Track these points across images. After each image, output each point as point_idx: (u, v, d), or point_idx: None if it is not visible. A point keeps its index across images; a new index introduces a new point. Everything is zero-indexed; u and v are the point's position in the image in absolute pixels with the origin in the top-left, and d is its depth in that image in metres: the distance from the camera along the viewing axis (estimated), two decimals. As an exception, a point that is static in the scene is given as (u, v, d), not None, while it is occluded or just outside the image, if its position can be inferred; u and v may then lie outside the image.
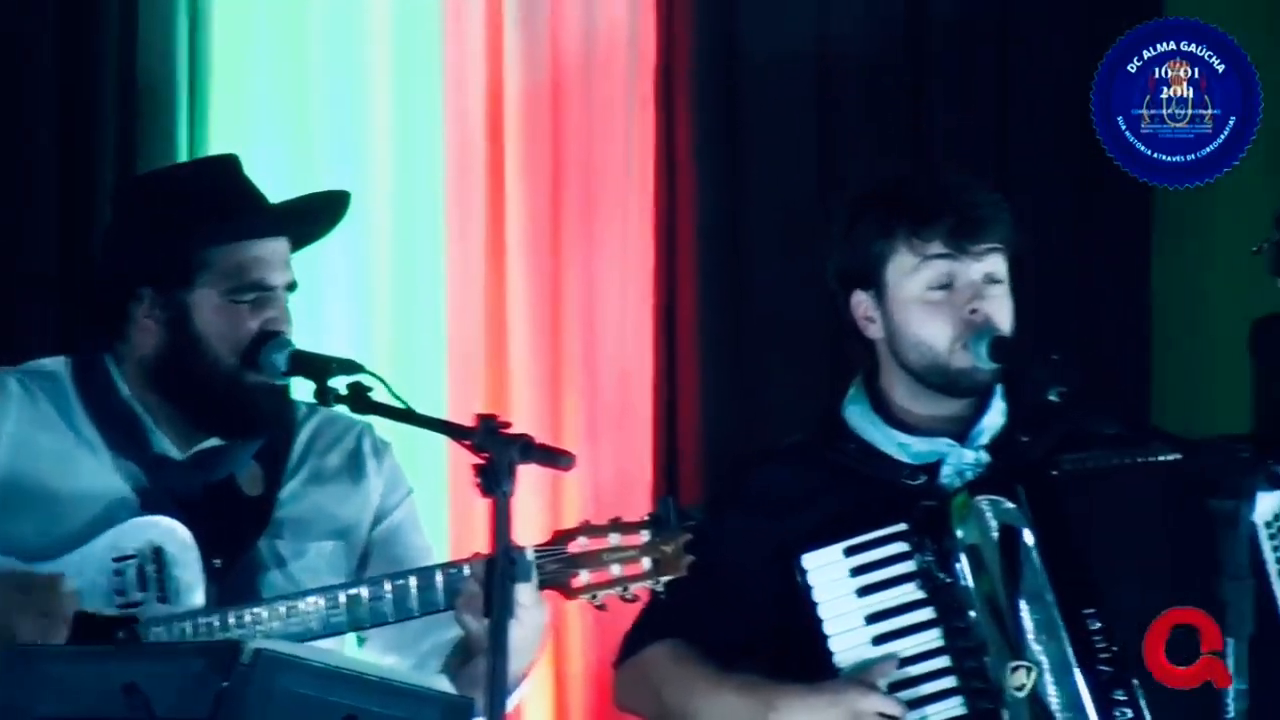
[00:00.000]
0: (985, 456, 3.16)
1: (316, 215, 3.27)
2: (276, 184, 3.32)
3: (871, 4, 4.79)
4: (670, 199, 4.66)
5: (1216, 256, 4.95)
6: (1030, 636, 3.00)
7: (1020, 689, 2.99)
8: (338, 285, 4.36)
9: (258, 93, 4.34)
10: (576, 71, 4.58)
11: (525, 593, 2.90)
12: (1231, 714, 2.74)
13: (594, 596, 3.00)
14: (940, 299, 3.14)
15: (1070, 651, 2.99)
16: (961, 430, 3.18)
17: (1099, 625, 2.99)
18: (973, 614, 3.02)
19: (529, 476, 2.84)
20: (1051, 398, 3.02)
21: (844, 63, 4.78)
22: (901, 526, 3.06)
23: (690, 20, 4.65)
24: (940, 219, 3.13)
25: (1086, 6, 4.90)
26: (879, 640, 3.05)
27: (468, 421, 2.82)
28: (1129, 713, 2.97)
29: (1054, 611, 3.00)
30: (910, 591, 3.05)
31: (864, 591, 3.06)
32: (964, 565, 3.03)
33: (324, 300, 4.31)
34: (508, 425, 2.79)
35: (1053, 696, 2.99)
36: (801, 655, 3.07)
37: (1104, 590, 3.00)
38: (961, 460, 3.16)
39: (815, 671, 3.05)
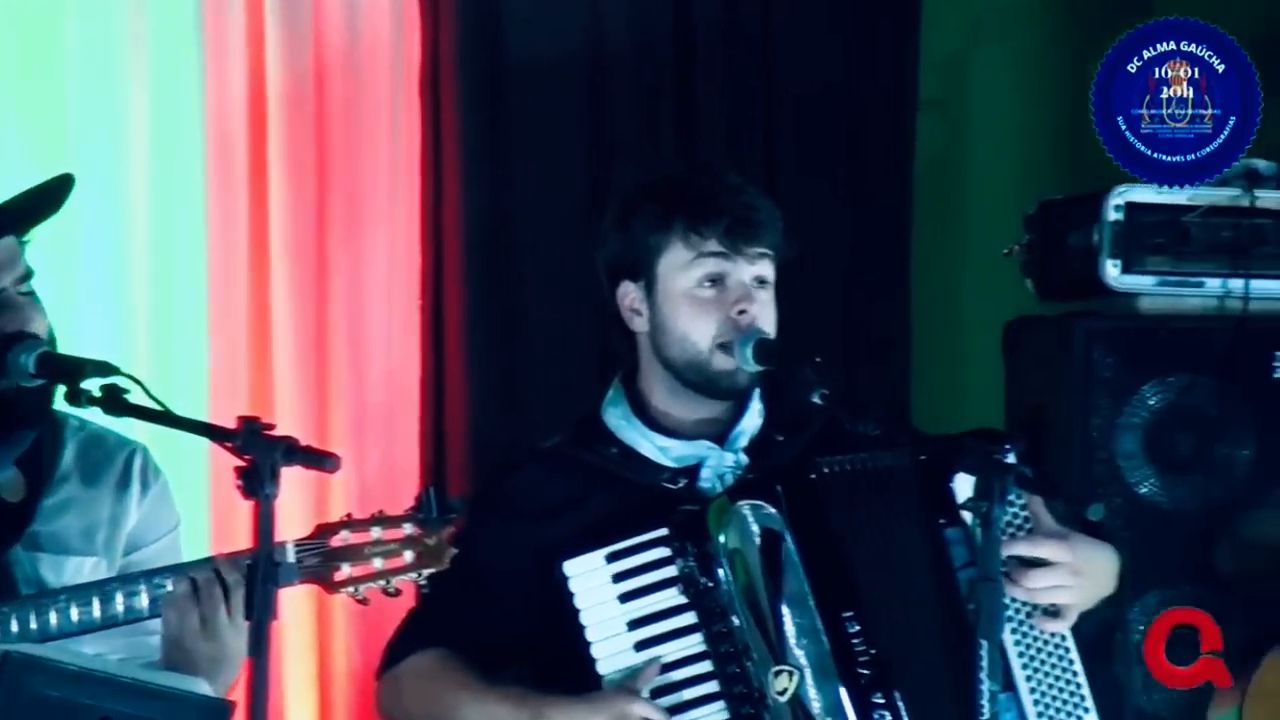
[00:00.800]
0: (744, 459, 3.18)
1: (38, 207, 3.15)
2: (27, 182, 3.23)
3: (638, 4, 4.80)
4: (437, 198, 4.64)
5: (972, 259, 5.05)
6: (792, 640, 3.01)
7: (782, 693, 3.00)
8: (95, 286, 4.28)
9: (7, 84, 4.24)
10: (340, 69, 4.54)
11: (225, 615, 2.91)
12: (986, 715, 2.79)
13: (356, 590, 2.98)
14: (710, 297, 3.16)
15: (830, 655, 3.01)
16: (721, 433, 3.19)
17: (858, 628, 3.02)
18: (735, 619, 3.02)
19: (294, 479, 2.80)
20: (815, 400, 3.05)
21: (612, 62, 4.79)
22: (662, 531, 3.05)
23: (455, 18, 4.63)
24: (719, 218, 3.14)
25: (850, 8, 4.96)
26: (641, 646, 3.04)
27: (231, 424, 2.78)
28: (887, 716, 3.00)
29: (815, 615, 3.02)
30: (672, 597, 3.05)
31: (626, 597, 3.05)
32: (725, 570, 3.04)
33: (81, 303, 4.23)
34: (271, 427, 2.76)
35: (814, 700, 3.00)
36: (565, 662, 3.06)
37: (862, 592, 3.03)
38: (721, 463, 3.17)
39: (579, 678, 3.04)
